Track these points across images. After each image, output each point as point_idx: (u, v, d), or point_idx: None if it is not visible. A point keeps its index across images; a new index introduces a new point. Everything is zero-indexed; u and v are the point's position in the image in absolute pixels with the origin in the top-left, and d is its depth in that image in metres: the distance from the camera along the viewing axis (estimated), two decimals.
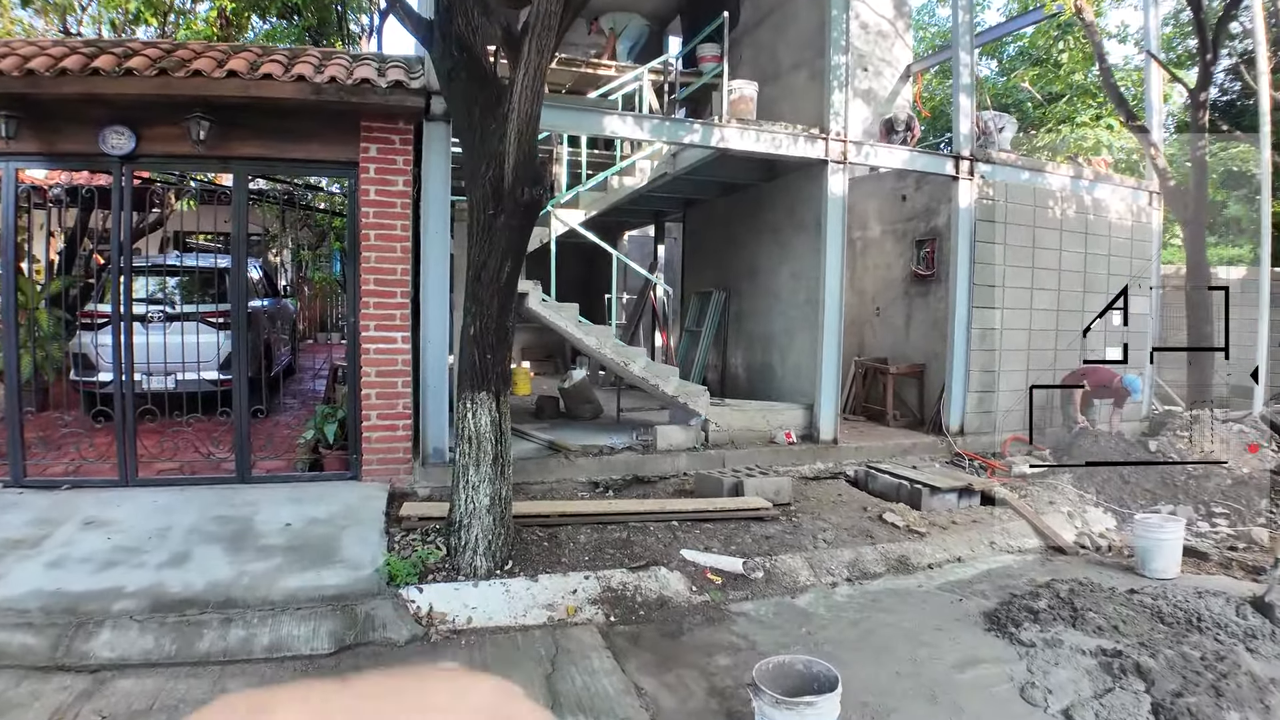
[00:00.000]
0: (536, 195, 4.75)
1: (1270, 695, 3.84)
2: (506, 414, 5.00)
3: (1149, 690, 3.83)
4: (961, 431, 8.90)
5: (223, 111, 6.09)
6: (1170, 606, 4.82)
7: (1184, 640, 4.35)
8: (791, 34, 9.93)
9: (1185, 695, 3.73)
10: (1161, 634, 4.50)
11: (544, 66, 4.69)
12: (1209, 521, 7.15)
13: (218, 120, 6.09)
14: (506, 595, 4.72)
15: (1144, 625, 4.62)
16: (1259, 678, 3.95)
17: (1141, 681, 3.90)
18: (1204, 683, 3.83)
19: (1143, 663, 4.01)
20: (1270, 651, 4.40)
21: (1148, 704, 3.73)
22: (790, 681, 3.33)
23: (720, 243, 11.36)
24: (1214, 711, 3.62)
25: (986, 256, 8.99)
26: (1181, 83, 10.50)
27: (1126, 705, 3.72)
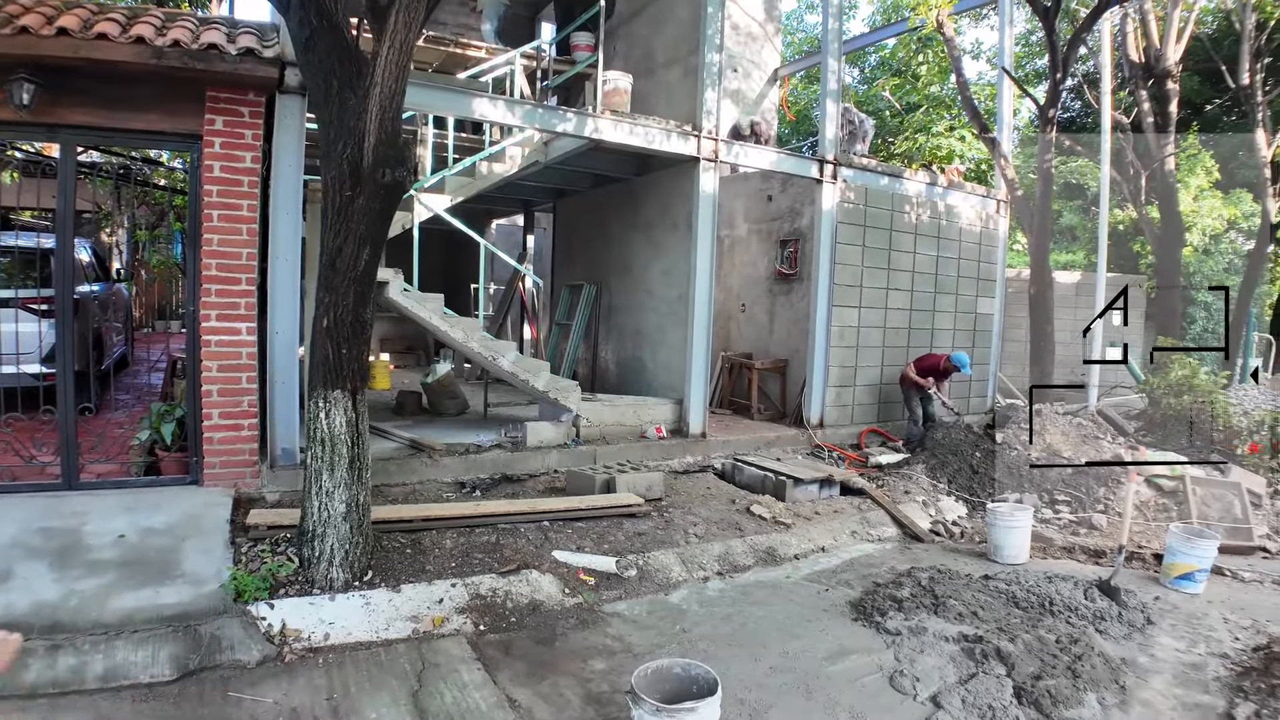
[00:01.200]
0: (399, 177, 4.45)
1: (1123, 675, 4.09)
2: (364, 413, 4.67)
3: (1010, 674, 4.00)
4: (821, 424, 9.17)
5: (52, 74, 5.39)
6: (1024, 591, 5.07)
7: (1039, 624, 4.58)
8: (667, 29, 9.91)
9: (1044, 678, 3.92)
10: (1018, 618, 4.71)
11: (411, 41, 4.41)
12: (1052, 509, 7.62)
13: (45, 83, 5.39)
14: (367, 608, 4.42)
15: (1001, 610, 4.83)
16: (1111, 659, 4.21)
17: (1002, 666, 4.07)
18: (1061, 665, 4.04)
19: (1003, 647, 4.19)
20: (1118, 633, 4.70)
21: (1010, 687, 3.88)
22: (670, 685, 3.25)
23: (592, 235, 11.24)
24: (1072, 692, 3.82)
25: (846, 257, 9.28)
26: (1032, 98, 11.20)
27: (990, 689, 3.86)
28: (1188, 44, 14.00)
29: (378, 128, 4.35)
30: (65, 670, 3.60)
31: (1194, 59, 15.19)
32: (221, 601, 4.24)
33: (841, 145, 9.46)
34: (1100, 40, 12.78)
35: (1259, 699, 3.85)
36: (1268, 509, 7.60)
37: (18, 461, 5.95)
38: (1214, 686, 4.10)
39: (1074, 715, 3.71)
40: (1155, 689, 4.06)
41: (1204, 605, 5.34)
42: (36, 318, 6.98)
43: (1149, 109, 14.07)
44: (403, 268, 7.37)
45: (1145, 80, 14.15)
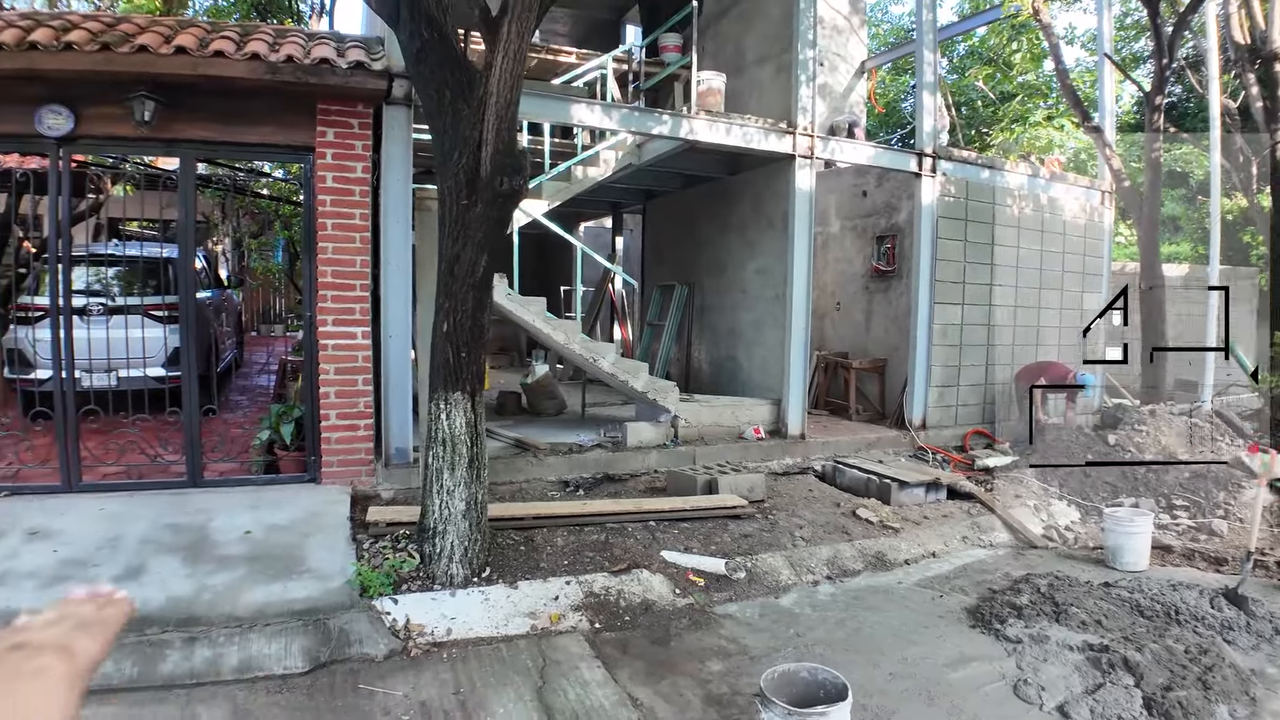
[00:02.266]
0: (516, 186, 4.53)
1: (1253, 687, 3.89)
2: (482, 414, 4.79)
3: (1139, 685, 3.84)
4: (924, 425, 8.95)
5: (170, 91, 5.70)
6: (1148, 600, 4.86)
7: (1166, 633, 4.39)
8: (757, 26, 9.84)
9: (1174, 689, 3.75)
10: (1143, 627, 4.52)
11: (524, 50, 4.49)
12: (1170, 514, 7.28)
13: (164, 100, 5.70)
14: (486, 604, 4.52)
15: (1125, 619, 4.65)
16: (1241, 670, 4.00)
17: (1130, 676, 3.91)
18: (1191, 676, 3.86)
19: (1130, 657, 4.02)
20: (1246, 643, 4.46)
21: (1139, 698, 3.74)
22: (796, 690, 3.22)
23: (683, 236, 11.24)
24: (1203, 704, 3.65)
25: (948, 253, 9.04)
26: (1136, 84, 10.77)
27: (1119, 700, 3.72)
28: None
29: (494, 137, 4.44)
30: (201, 662, 3.78)
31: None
32: (348, 596, 4.39)
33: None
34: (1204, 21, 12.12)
35: None
36: None
37: (145, 460, 6.30)
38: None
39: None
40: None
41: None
42: (159, 324, 7.36)
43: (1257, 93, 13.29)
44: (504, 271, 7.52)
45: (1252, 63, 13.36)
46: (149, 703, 3.48)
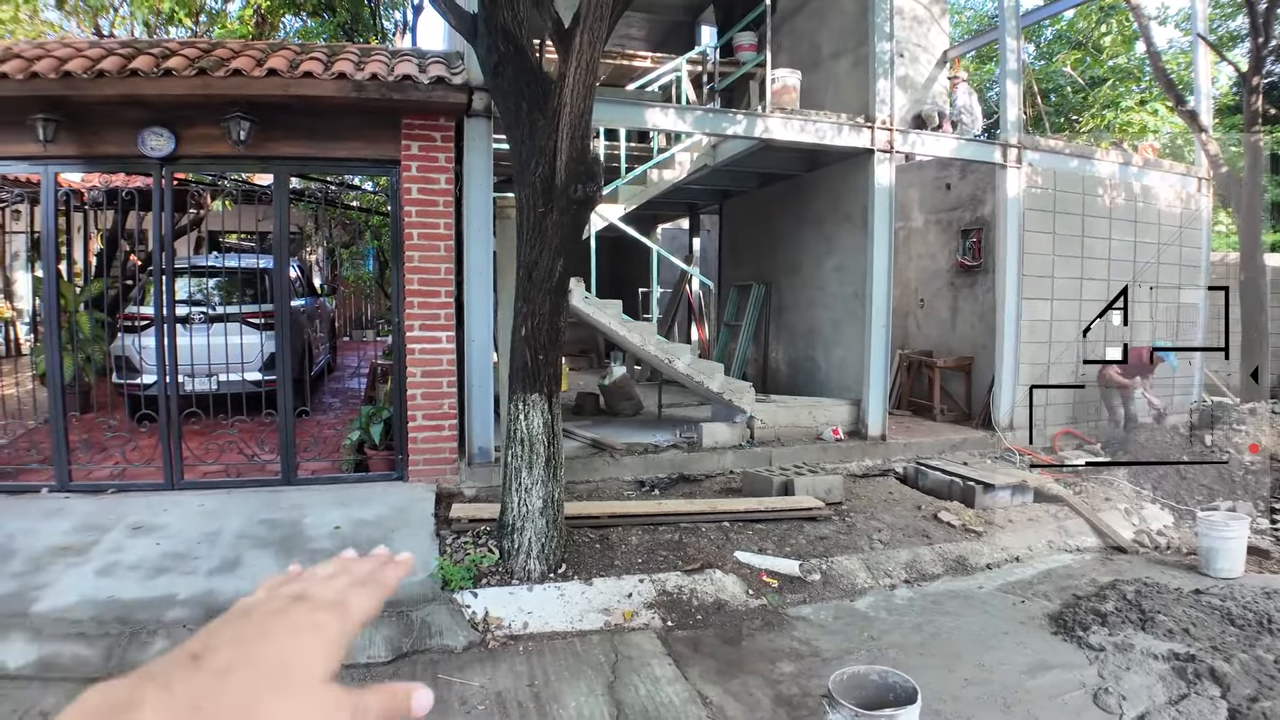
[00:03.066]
0: (590, 192, 4.64)
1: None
2: (558, 415, 4.91)
3: (1224, 695, 3.72)
4: (1011, 426, 8.70)
5: (263, 111, 6.03)
6: (1239, 608, 4.65)
7: (1256, 643, 4.21)
8: (832, 21, 9.74)
9: (1261, 700, 3.63)
10: (1233, 636, 4.34)
11: (596, 59, 4.58)
12: (1269, 518, 6.94)
13: (258, 120, 6.04)
14: (562, 599, 4.64)
15: (1214, 628, 4.46)
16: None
17: (1217, 687, 3.78)
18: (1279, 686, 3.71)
19: (1217, 667, 3.88)
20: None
21: (1224, 710, 3.62)
22: (865, 693, 3.22)
23: (760, 235, 11.20)
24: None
25: (1035, 246, 8.76)
26: (1233, 65, 10.21)
27: (1203, 711, 3.62)
28: None
29: (569, 146, 4.55)
30: None
31: None
32: (430, 589, 4.57)
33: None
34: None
35: None
36: None
37: (242, 460, 6.67)
38: None
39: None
40: None
41: None
42: (256, 330, 7.77)
43: None
44: (582, 276, 7.66)
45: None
46: None
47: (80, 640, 3.96)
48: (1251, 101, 9.73)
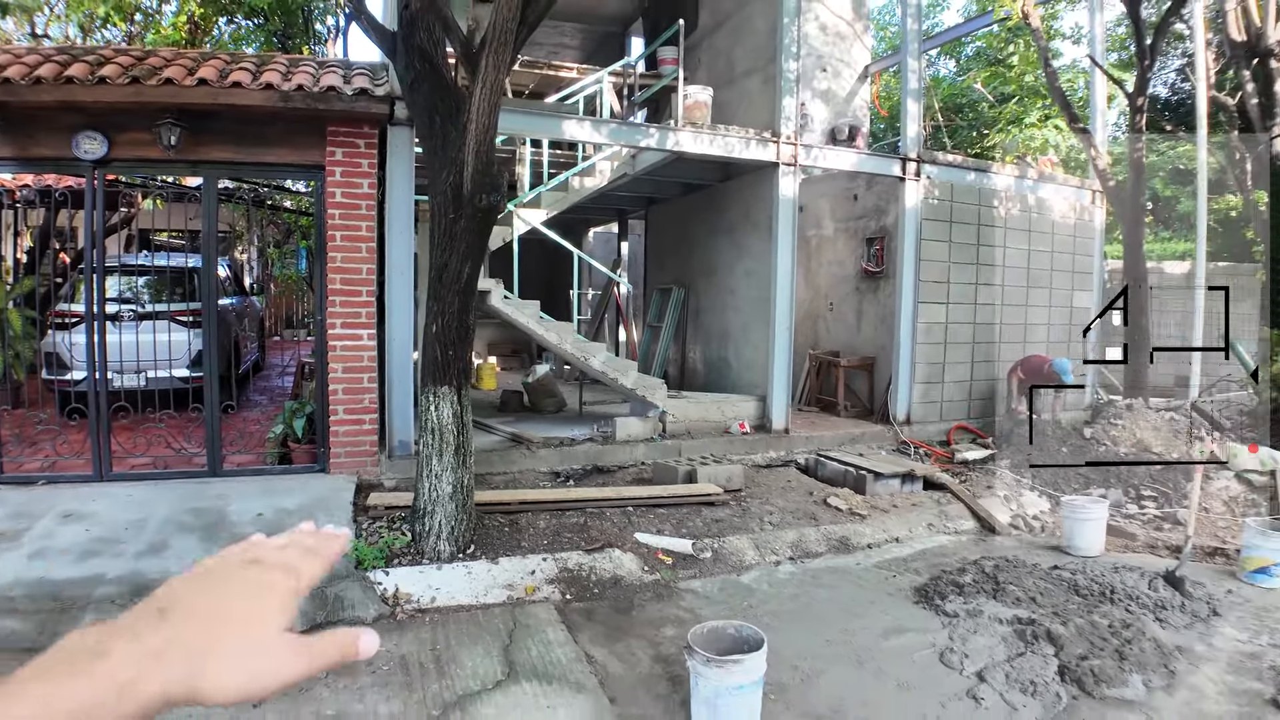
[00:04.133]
0: (494, 201, 5.04)
1: (1174, 660, 4.21)
2: (467, 407, 5.30)
3: (1057, 654, 4.19)
4: (908, 421, 9.33)
5: (193, 117, 6.30)
6: (1088, 580, 5.20)
7: (1095, 610, 4.73)
8: (746, 39, 10.27)
9: (1090, 658, 4.09)
10: (1075, 605, 4.86)
11: (500, 81, 4.98)
12: (1138, 504, 7.60)
13: (188, 126, 6.30)
14: (469, 577, 5.02)
15: (1060, 597, 4.99)
16: (1164, 644, 4.33)
17: (1051, 646, 4.27)
18: (1109, 648, 4.20)
19: (1053, 630, 4.39)
20: (1179, 622, 4.77)
21: (1055, 666, 4.09)
22: (724, 644, 3.67)
23: (680, 240, 11.71)
24: (1116, 673, 3.99)
25: (932, 254, 9.40)
26: (1120, 87, 10.96)
27: (1035, 667, 4.08)
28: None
29: (474, 159, 4.94)
30: None
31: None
32: (345, 569, 4.92)
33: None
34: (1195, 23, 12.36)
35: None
36: None
37: (169, 452, 6.91)
38: (1268, 675, 4.15)
39: (1116, 694, 3.88)
40: (1205, 674, 4.16)
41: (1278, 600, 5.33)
42: (184, 328, 7.98)
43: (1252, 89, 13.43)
44: (504, 277, 8.05)
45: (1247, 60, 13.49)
46: None
47: (14, 616, 4.22)
48: (1136, 120, 10.52)
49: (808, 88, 12.06)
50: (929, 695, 3.92)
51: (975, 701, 3.86)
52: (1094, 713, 3.77)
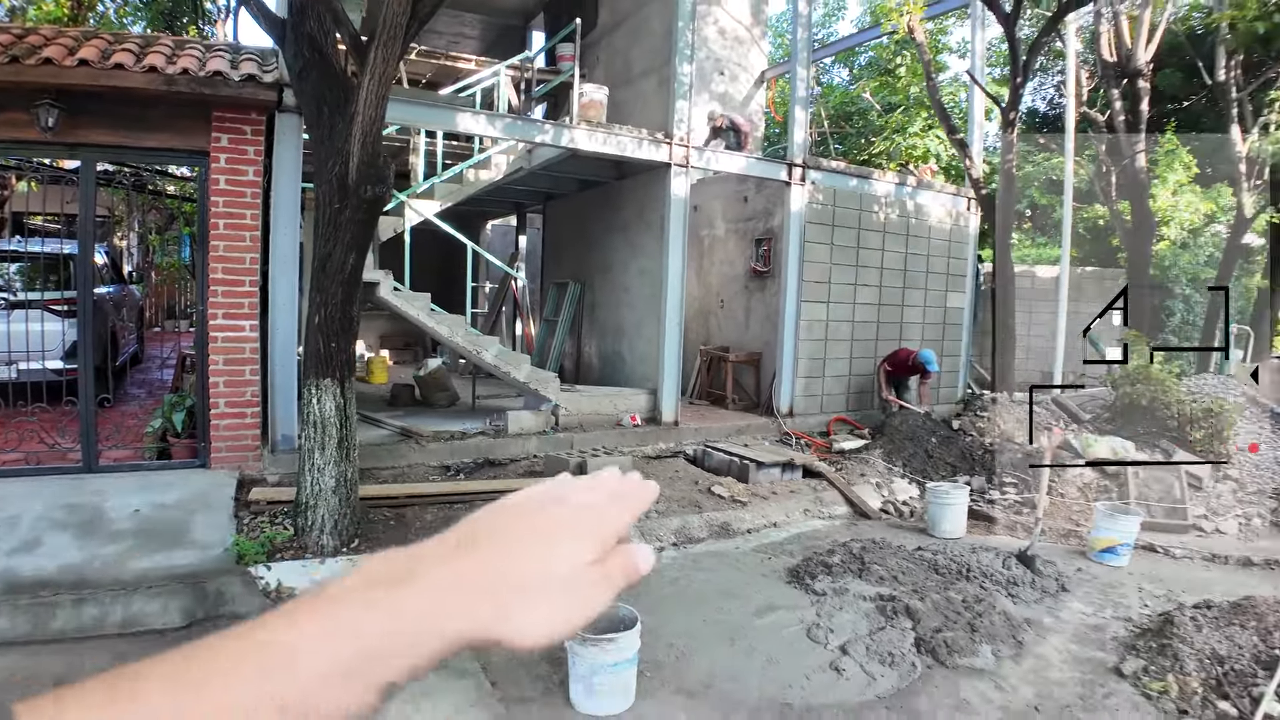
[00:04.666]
0: (379, 193, 5.06)
1: (1022, 632, 4.59)
2: (351, 399, 5.30)
3: (915, 628, 4.52)
4: (791, 413, 9.75)
5: (74, 99, 6.03)
6: (947, 560, 5.60)
7: (951, 587, 5.11)
8: (644, 41, 10.49)
9: (945, 631, 4.44)
10: (934, 583, 5.23)
11: (389, 73, 4.99)
12: (1000, 490, 8.15)
13: (67, 107, 6.03)
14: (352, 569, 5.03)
15: (920, 575, 5.35)
16: (1013, 616, 4.72)
17: (909, 620, 4.60)
18: (962, 621, 4.56)
19: (912, 605, 4.73)
20: (1030, 597, 5.21)
21: (912, 638, 4.42)
22: (601, 625, 3.81)
23: (577, 236, 11.85)
24: (968, 643, 4.33)
25: (815, 255, 9.85)
26: (995, 101, 11.65)
27: (894, 639, 4.40)
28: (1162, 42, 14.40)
29: (360, 149, 4.95)
30: (89, 619, 4.26)
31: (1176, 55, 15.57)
32: (226, 564, 4.88)
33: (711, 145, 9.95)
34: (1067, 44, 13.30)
35: (1148, 656, 4.27)
36: (1209, 491, 8.08)
37: (43, 447, 6.61)
38: (1110, 645, 4.57)
39: (967, 663, 4.22)
40: (1052, 645, 4.56)
41: (1124, 577, 5.84)
42: (59, 318, 7.63)
43: (1121, 107, 14.51)
44: (396, 269, 8.01)
45: (1118, 80, 14.57)
46: (42, 653, 3.96)
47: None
48: (1008, 132, 11.22)
49: (705, 90, 12.39)
50: (795, 668, 4.18)
51: (837, 673, 4.13)
52: (947, 681, 4.08)
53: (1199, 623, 4.37)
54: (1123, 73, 14.39)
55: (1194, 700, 3.85)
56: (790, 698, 3.88)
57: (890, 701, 3.89)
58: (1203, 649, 4.14)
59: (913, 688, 4.02)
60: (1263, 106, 14.18)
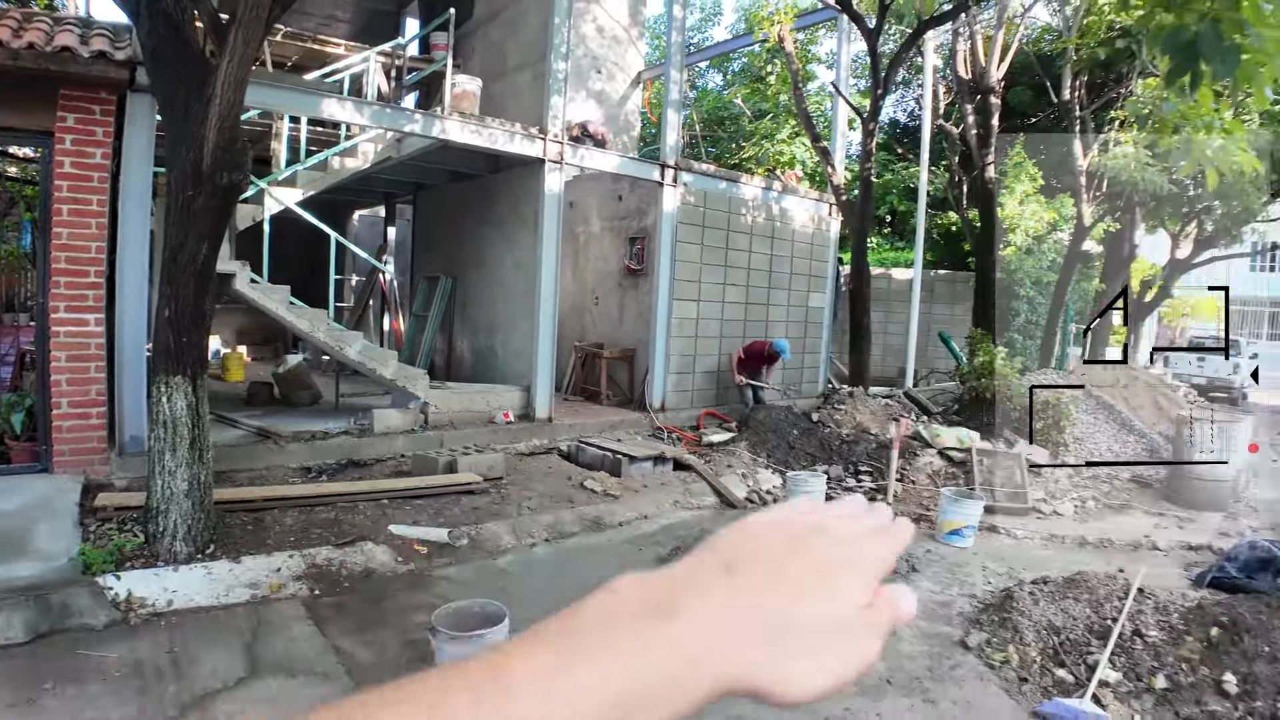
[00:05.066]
0: (235, 180, 4.85)
1: None
2: (204, 398, 5.06)
3: None
4: (663, 408, 9.98)
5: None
6: None
7: None
8: (520, 34, 10.43)
9: None
10: None
11: (250, 56, 4.80)
12: (855, 478, 8.60)
13: None
14: (209, 577, 4.83)
15: None
16: None
17: None
18: None
19: None
20: None
21: None
22: (470, 622, 3.85)
23: (449, 229, 11.66)
24: None
25: (686, 255, 10.10)
26: (857, 112, 12.24)
27: None
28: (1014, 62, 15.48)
29: (217, 134, 4.73)
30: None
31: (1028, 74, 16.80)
32: (71, 574, 4.58)
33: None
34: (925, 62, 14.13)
35: (991, 629, 4.67)
36: (1047, 477, 8.81)
37: None
38: (956, 619, 4.97)
39: None
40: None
41: (969, 557, 6.33)
42: None
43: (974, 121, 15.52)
44: (254, 260, 7.68)
45: (972, 95, 15.56)
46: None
47: None
48: (867, 142, 11.80)
49: (582, 87, 12.43)
50: None
51: None
52: None
53: (1036, 597, 4.80)
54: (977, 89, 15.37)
55: (1033, 668, 4.24)
56: None
57: None
58: (1040, 621, 4.57)
59: None
60: (1103, 124, 15.52)
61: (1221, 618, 4.30)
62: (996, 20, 15.03)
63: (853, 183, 12.13)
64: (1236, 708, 3.76)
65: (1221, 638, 4.15)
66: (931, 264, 18.57)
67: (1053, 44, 16.65)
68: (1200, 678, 3.96)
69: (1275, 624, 4.20)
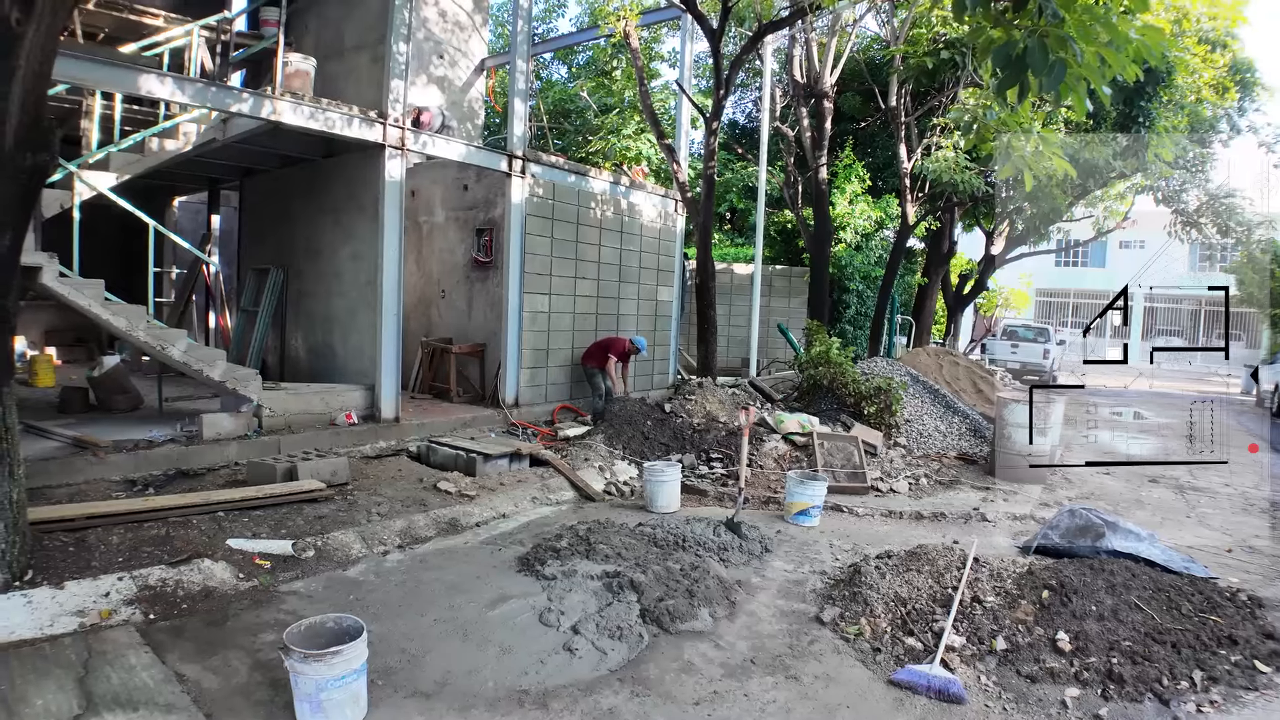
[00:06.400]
0: (42, 161, 4.34)
1: (735, 592, 5.10)
2: (12, 407, 4.51)
3: (640, 599, 4.78)
4: (517, 404, 9.85)
5: None
6: (664, 533, 6.03)
7: (670, 557, 5.49)
8: (357, 13, 9.91)
9: (666, 599, 4.76)
10: (654, 555, 5.57)
11: (59, 24, 4.32)
12: (708, 466, 8.81)
13: None
14: (29, 607, 4.32)
15: (642, 550, 5.67)
16: (726, 580, 5.21)
17: (634, 593, 4.85)
18: (681, 588, 4.92)
19: (635, 578, 5.00)
20: (739, 560, 5.80)
21: (638, 610, 4.69)
22: (325, 639, 3.63)
23: (281, 218, 10.93)
24: (689, 609, 4.71)
25: (536, 247, 10.00)
26: (700, 111, 12.48)
27: (621, 613, 4.62)
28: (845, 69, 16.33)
29: (20, 110, 4.21)
30: None
31: (858, 81, 17.73)
32: None
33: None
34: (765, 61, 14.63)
35: (843, 604, 4.91)
36: (883, 457, 9.36)
37: None
38: (810, 596, 5.20)
39: (689, 627, 4.59)
40: (761, 601, 5.10)
41: (817, 535, 6.65)
42: None
43: (808, 125, 16.27)
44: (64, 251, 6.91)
45: (806, 100, 16.29)
46: None
47: None
48: (710, 141, 12.08)
49: (424, 71, 12.03)
50: (530, 654, 4.25)
51: (570, 653, 4.27)
52: (671, 646, 4.41)
53: (883, 571, 5.12)
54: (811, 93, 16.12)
55: (885, 639, 4.51)
56: (526, 684, 3.95)
57: (622, 674, 4.11)
58: (888, 594, 4.86)
59: (641, 657, 4.28)
60: (926, 130, 16.64)
61: (1050, 581, 4.74)
62: (830, 28, 15.82)
63: (696, 180, 12.43)
64: (1072, 664, 4.14)
65: (1052, 599, 4.58)
66: (770, 259, 19.36)
67: (882, 53, 17.70)
68: (1036, 638, 4.34)
69: (1099, 585, 4.68)
